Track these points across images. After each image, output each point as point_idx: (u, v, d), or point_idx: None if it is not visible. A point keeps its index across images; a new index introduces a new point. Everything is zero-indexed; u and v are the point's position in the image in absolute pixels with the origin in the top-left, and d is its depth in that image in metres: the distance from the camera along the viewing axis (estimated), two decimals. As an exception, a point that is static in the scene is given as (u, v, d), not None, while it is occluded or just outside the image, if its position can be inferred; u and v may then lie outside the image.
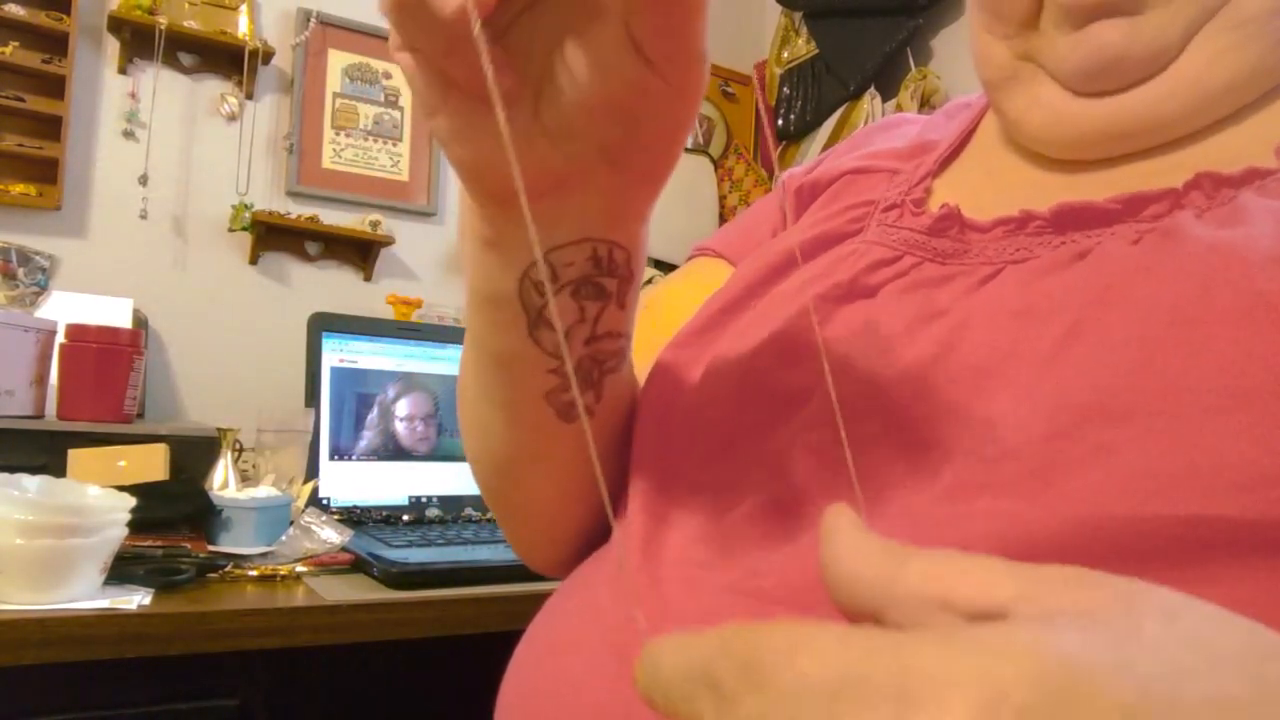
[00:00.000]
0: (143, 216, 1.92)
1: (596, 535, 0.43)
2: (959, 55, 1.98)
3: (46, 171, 1.82)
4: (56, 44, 1.82)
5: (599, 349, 0.34)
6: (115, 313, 1.73)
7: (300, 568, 1.00)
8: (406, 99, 2.20)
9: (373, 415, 1.38)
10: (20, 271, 1.79)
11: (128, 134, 1.93)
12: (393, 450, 1.38)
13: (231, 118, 2.02)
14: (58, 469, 1.17)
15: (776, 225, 0.50)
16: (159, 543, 1.03)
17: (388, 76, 2.18)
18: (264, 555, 1.04)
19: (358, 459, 1.35)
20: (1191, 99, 0.34)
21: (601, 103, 0.26)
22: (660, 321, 0.46)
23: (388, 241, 2.09)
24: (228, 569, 0.96)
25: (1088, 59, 0.35)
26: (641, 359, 0.42)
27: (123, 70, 1.92)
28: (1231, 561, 0.24)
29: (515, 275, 0.31)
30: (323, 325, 1.39)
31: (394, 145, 2.17)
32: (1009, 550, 0.26)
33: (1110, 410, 0.27)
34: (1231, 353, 0.26)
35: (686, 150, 2.34)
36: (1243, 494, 0.24)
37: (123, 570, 0.87)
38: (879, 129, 0.51)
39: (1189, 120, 0.35)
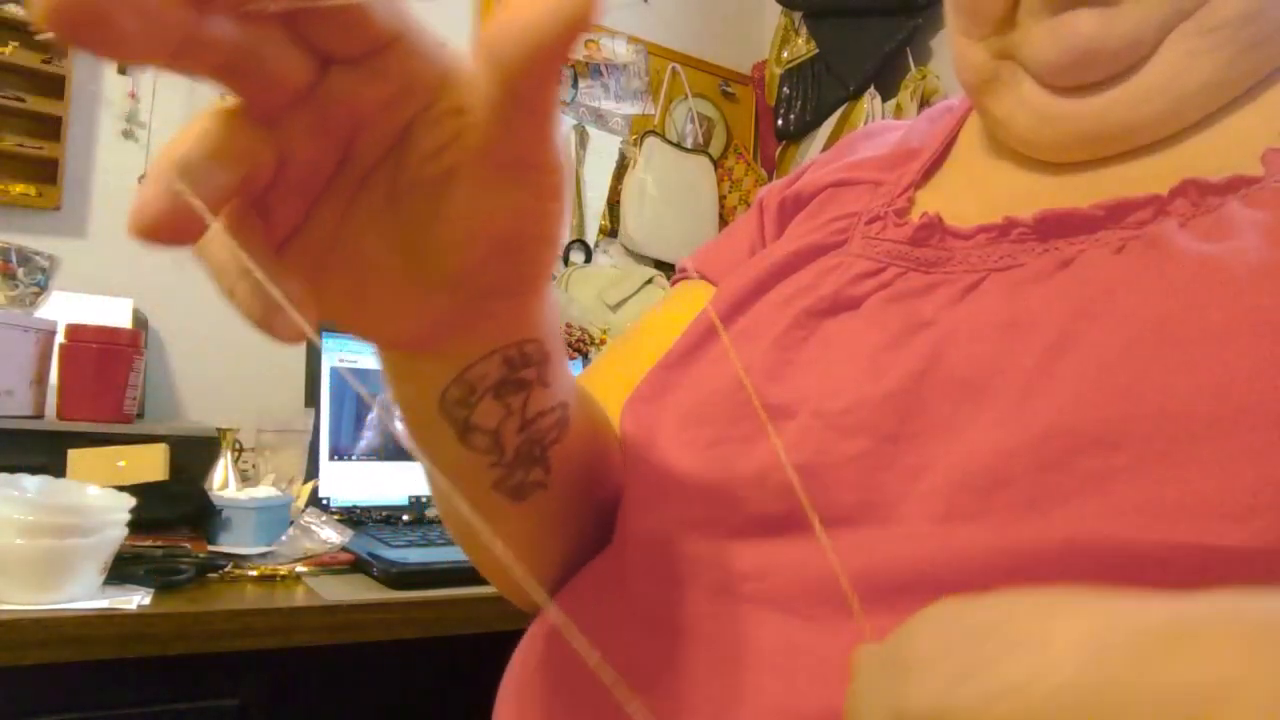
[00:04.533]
0: (142, 216, 1.92)
1: (573, 573, 0.43)
2: (959, 55, 1.98)
3: (46, 171, 1.82)
4: (57, 44, 1.82)
5: (534, 430, 0.33)
6: (115, 313, 1.73)
7: (300, 568, 1.00)
8: (406, 99, 2.20)
9: (372, 415, 1.38)
10: (20, 271, 1.79)
11: (128, 134, 1.93)
12: (393, 450, 1.38)
13: (231, 118, 2.02)
14: (57, 469, 1.17)
15: (755, 243, 0.50)
16: (159, 543, 1.03)
17: (387, 76, 2.18)
18: (264, 555, 1.04)
19: (358, 459, 1.35)
20: (1167, 100, 0.34)
21: (481, 246, 0.26)
22: (642, 350, 0.46)
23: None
24: (228, 569, 0.96)
25: (1064, 49, 0.35)
26: (626, 389, 0.42)
27: (123, 70, 1.92)
28: (1222, 588, 0.24)
29: (433, 398, 0.31)
30: (323, 325, 1.39)
31: (394, 145, 2.18)
32: (1005, 566, 0.26)
33: (1101, 437, 0.27)
34: (1221, 374, 0.26)
35: (686, 150, 2.32)
36: (1234, 523, 0.24)
37: (123, 570, 0.87)
38: (862, 137, 0.51)
39: (1166, 122, 0.35)
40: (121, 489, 0.88)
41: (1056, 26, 0.35)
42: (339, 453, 1.34)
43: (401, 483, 1.37)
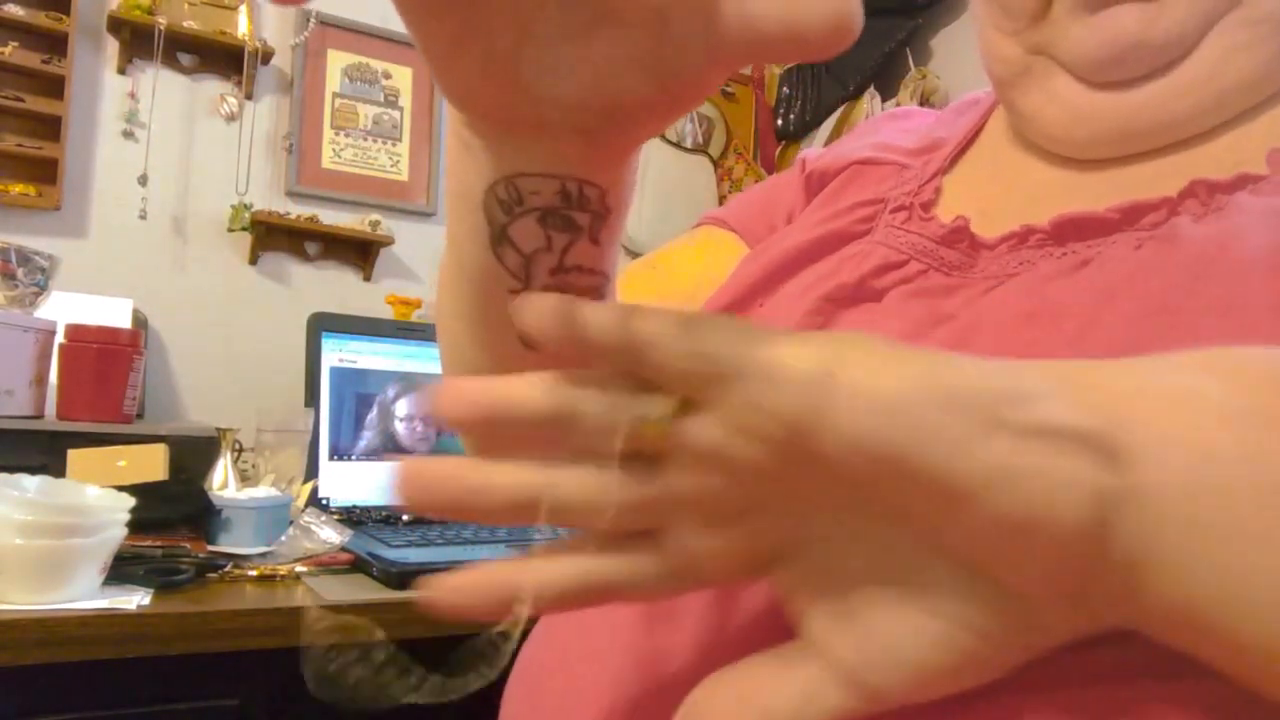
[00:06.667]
0: (142, 216, 1.92)
1: None
2: (959, 55, 1.98)
3: (46, 171, 1.82)
4: (56, 44, 1.82)
5: (567, 281, 0.33)
6: (115, 313, 1.73)
7: (300, 568, 1.00)
8: (406, 99, 2.20)
9: (372, 415, 1.38)
10: (20, 271, 1.79)
11: (127, 134, 1.93)
12: (393, 450, 1.38)
13: (231, 118, 2.02)
14: (57, 469, 1.17)
15: (793, 209, 0.49)
16: (159, 543, 1.03)
17: (387, 76, 2.18)
18: (264, 555, 1.04)
19: (357, 459, 1.35)
20: (1205, 96, 0.34)
21: (593, 104, 0.26)
22: (666, 283, 0.46)
23: (387, 241, 2.09)
24: (227, 569, 0.96)
25: (1105, 46, 0.34)
26: None
27: (122, 70, 1.92)
28: None
29: (482, 186, 0.30)
30: (322, 325, 1.39)
31: (394, 145, 2.17)
32: None
33: None
34: (1215, 344, 0.26)
35: (686, 150, 2.31)
36: None
37: (122, 570, 0.87)
38: (888, 118, 0.51)
39: (1202, 118, 0.34)
40: (121, 489, 0.88)
41: (1097, 23, 0.34)
42: (339, 453, 1.34)
43: (401, 483, 1.37)
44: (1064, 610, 0.21)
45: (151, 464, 1.22)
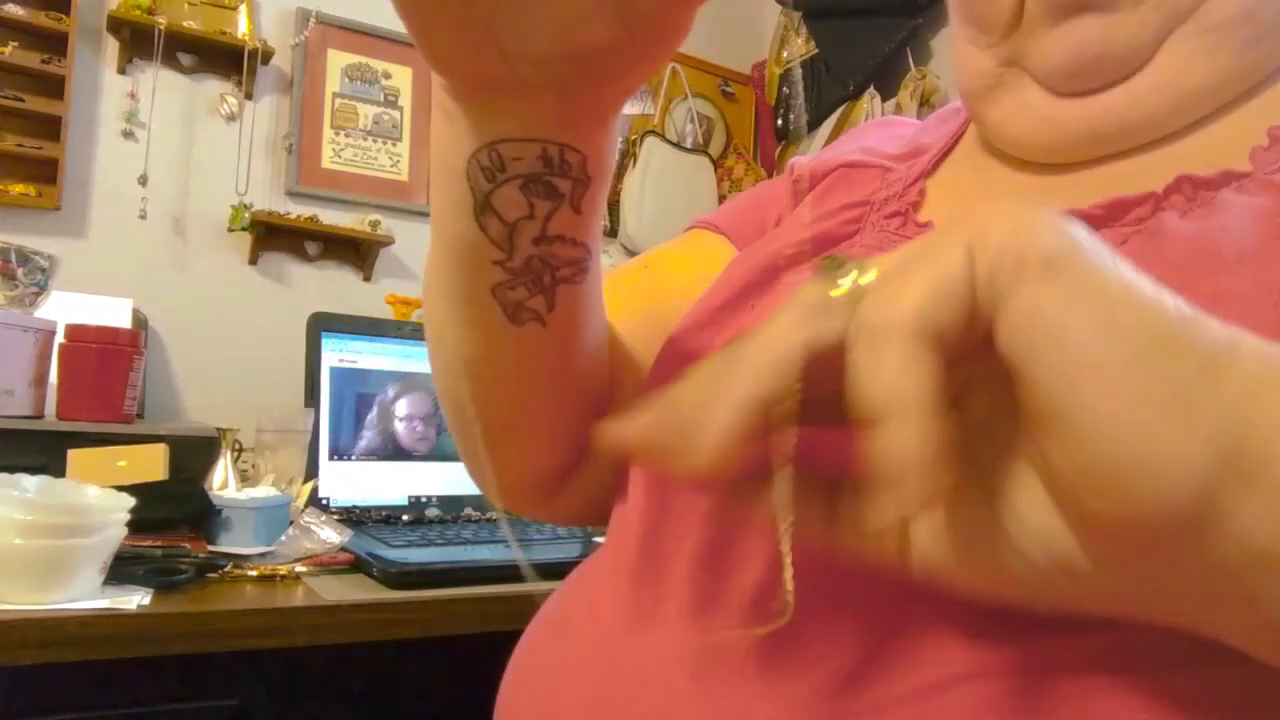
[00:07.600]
0: (142, 216, 1.92)
1: (550, 467, 0.43)
2: (959, 55, 1.98)
3: (46, 171, 1.82)
4: (56, 44, 1.82)
5: (550, 252, 0.33)
6: (115, 313, 1.73)
7: (300, 568, 1.00)
8: (406, 99, 2.20)
9: (372, 415, 1.38)
10: (20, 271, 1.79)
11: (127, 134, 1.93)
12: (392, 450, 1.38)
13: (231, 118, 2.02)
14: (57, 469, 1.17)
15: (782, 212, 0.50)
16: (159, 543, 1.03)
17: (387, 76, 2.18)
18: (263, 555, 1.04)
19: (357, 459, 1.35)
20: (1166, 100, 0.35)
21: (564, 53, 0.26)
22: (657, 283, 0.47)
23: (387, 241, 2.09)
24: (227, 569, 0.96)
25: (1071, 55, 0.36)
26: (639, 317, 0.42)
27: (122, 70, 1.92)
28: None
29: (465, 154, 0.31)
30: (322, 325, 1.39)
31: (394, 145, 2.17)
32: None
33: None
34: None
35: (686, 150, 2.30)
36: None
37: (122, 570, 0.87)
38: (875, 126, 0.52)
39: (1165, 121, 0.36)
40: (121, 489, 0.88)
41: (1062, 34, 0.36)
42: (339, 453, 1.34)
43: (401, 483, 1.37)
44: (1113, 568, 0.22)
45: (151, 464, 1.22)
